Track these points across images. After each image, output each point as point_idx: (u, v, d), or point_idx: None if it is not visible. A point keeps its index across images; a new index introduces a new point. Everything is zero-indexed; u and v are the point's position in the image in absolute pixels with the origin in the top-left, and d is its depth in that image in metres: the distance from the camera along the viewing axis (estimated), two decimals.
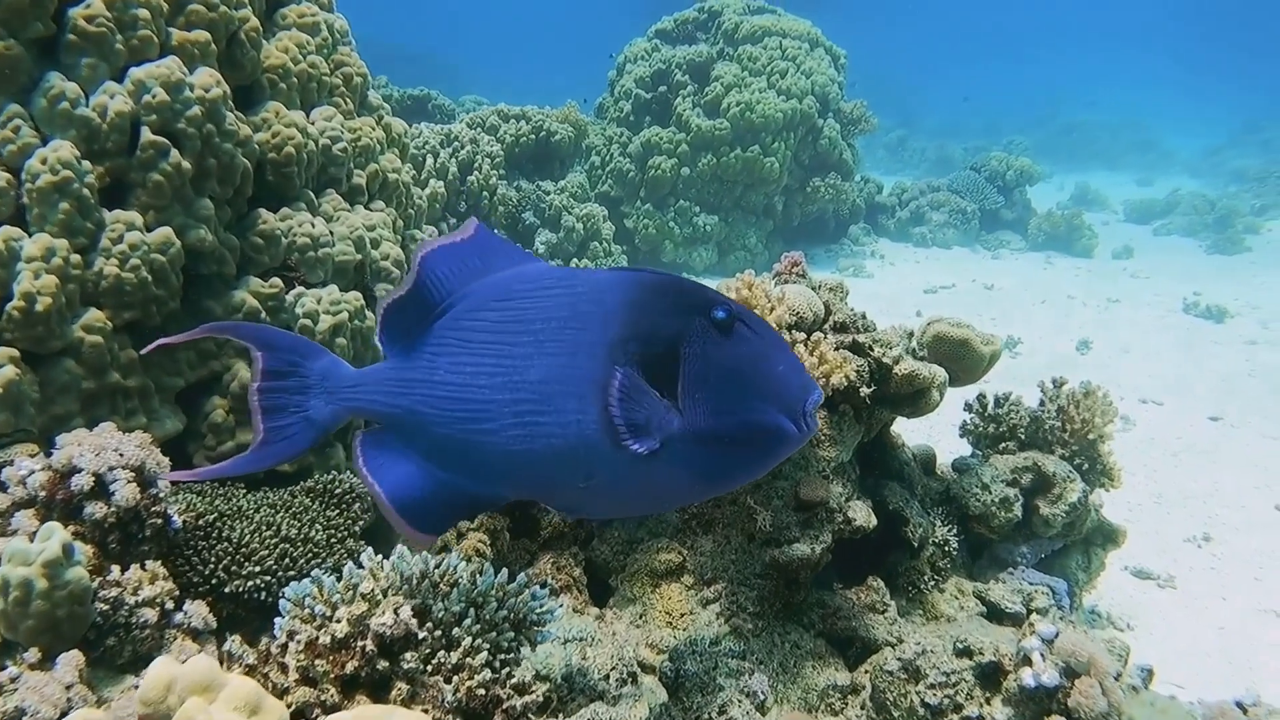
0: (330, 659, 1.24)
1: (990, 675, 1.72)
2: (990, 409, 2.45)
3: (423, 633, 1.28)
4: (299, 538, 1.80)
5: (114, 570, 1.49)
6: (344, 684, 1.25)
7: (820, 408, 1.88)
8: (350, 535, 1.89)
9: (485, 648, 1.31)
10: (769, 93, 7.20)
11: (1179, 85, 24.59)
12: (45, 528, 1.38)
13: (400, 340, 1.25)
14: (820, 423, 1.93)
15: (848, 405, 1.99)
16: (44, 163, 1.77)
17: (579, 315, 1.15)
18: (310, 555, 1.79)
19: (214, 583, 1.67)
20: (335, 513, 1.92)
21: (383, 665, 1.25)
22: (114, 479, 1.52)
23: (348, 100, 2.56)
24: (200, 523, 1.71)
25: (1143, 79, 25.62)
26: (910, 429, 3.50)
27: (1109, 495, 2.49)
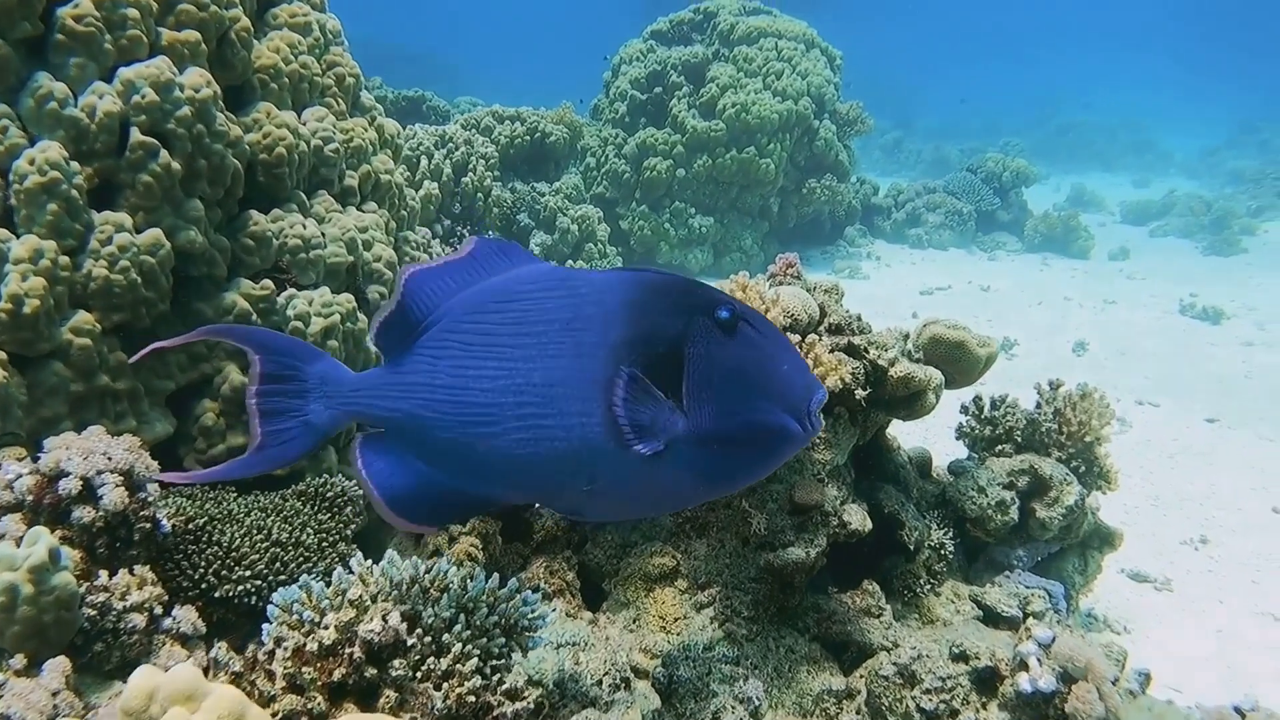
0: (318, 666, 1.23)
1: (987, 680, 1.71)
2: (986, 411, 2.44)
3: (412, 639, 1.27)
4: (290, 541, 1.78)
5: (102, 575, 1.48)
6: (331, 692, 1.23)
7: None
8: (342, 539, 1.88)
9: (476, 654, 1.29)
10: (765, 94, 7.20)
11: (1177, 85, 24.66)
12: (32, 532, 1.37)
13: (399, 343, 1.24)
14: None
15: (843, 408, 1.98)
16: (32, 163, 1.76)
17: (581, 316, 1.14)
18: (302, 559, 1.78)
19: (204, 587, 1.66)
20: (327, 516, 1.91)
21: (371, 672, 1.24)
22: (102, 483, 1.51)
23: (340, 101, 2.55)
24: (190, 527, 1.69)
25: (1141, 79, 25.71)
26: (906, 431, 3.50)
27: (1106, 498, 2.48)
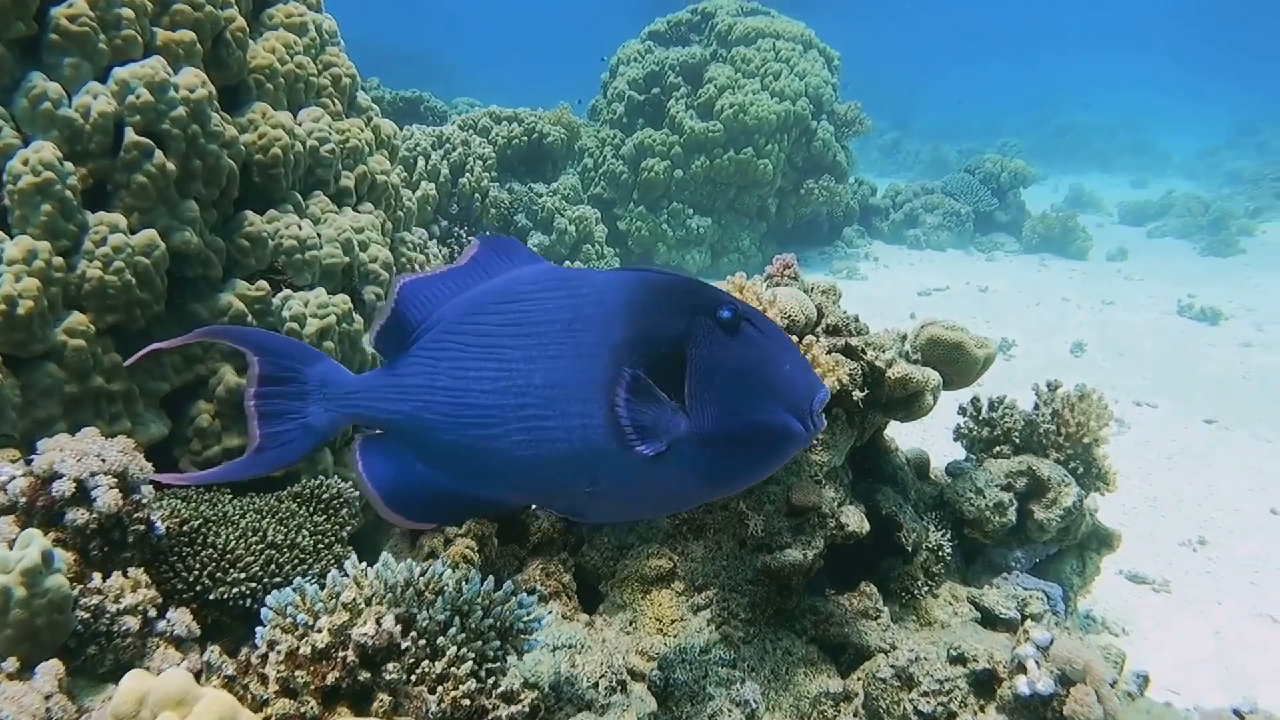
0: (311, 669, 1.22)
1: (984, 683, 1.71)
2: (984, 412, 2.44)
3: (406, 642, 1.26)
4: (285, 544, 1.78)
5: (95, 578, 1.47)
6: (325, 695, 1.22)
7: None
8: (338, 541, 1.87)
9: (471, 657, 1.29)
10: (762, 94, 7.19)
11: (1176, 86, 24.66)
12: (25, 534, 1.36)
13: (399, 345, 1.23)
14: None
15: (840, 409, 1.97)
16: (25, 164, 1.75)
17: (582, 317, 1.14)
18: (297, 561, 1.77)
19: (199, 589, 1.65)
20: (322, 518, 1.90)
21: (364, 676, 1.23)
22: (96, 485, 1.50)
23: (336, 101, 2.54)
24: (185, 529, 1.68)
25: (1140, 79, 25.72)
26: (904, 433, 3.49)
27: (1104, 499, 2.47)
